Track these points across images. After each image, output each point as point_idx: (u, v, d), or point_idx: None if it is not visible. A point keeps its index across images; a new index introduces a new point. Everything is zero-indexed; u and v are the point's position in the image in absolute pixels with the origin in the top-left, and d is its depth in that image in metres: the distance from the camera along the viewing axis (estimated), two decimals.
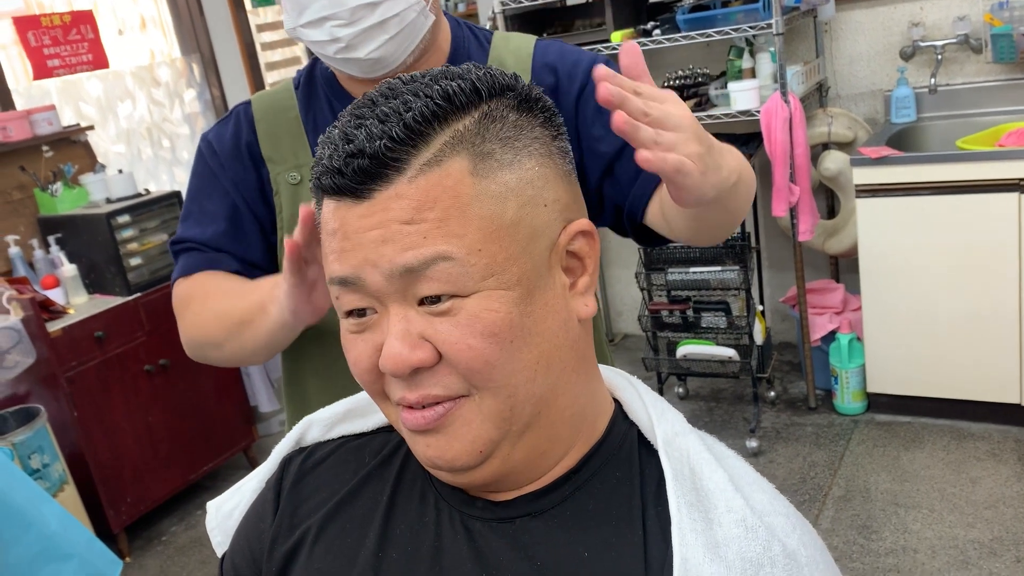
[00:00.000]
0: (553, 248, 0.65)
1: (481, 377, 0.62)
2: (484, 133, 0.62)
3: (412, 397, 0.63)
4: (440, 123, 0.61)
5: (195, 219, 1.16)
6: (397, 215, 0.60)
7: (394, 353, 0.61)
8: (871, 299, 2.97)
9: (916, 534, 2.47)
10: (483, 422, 0.63)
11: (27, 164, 3.20)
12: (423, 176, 0.60)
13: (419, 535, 0.71)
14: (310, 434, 0.86)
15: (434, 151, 0.60)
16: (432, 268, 0.60)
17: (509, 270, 0.61)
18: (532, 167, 0.64)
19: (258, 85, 4.17)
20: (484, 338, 0.61)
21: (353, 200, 0.61)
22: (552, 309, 0.65)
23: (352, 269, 0.62)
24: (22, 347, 2.75)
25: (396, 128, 0.60)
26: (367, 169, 0.60)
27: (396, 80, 0.65)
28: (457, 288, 0.60)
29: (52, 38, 3.34)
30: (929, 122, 3.13)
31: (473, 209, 0.60)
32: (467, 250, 0.60)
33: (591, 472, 0.69)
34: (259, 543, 0.79)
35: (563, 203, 0.66)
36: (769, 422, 3.21)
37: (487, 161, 0.62)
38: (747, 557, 0.61)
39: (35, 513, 1.54)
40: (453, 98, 0.62)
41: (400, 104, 0.61)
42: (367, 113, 0.62)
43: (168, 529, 3.21)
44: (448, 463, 0.65)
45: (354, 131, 0.61)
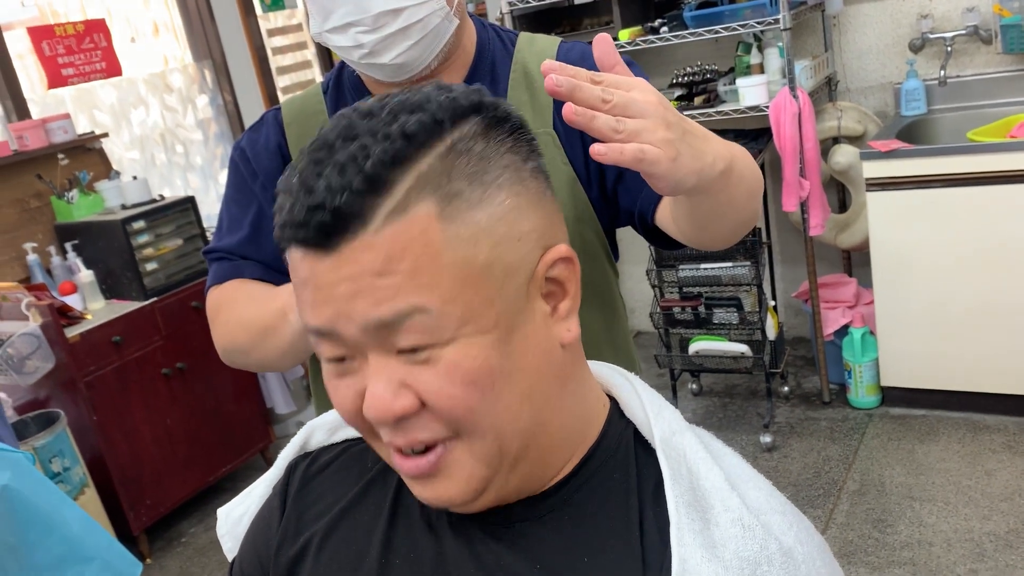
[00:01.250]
0: (531, 279, 0.63)
1: (465, 424, 0.62)
2: (449, 172, 0.60)
3: (400, 442, 0.64)
4: (401, 166, 0.58)
5: (225, 228, 1.20)
6: (367, 267, 0.58)
7: (377, 405, 0.61)
8: (883, 292, 2.96)
9: (931, 527, 2.47)
10: (475, 463, 0.64)
11: (43, 172, 3.24)
12: (389, 226, 0.58)
13: (421, 540, 0.72)
14: (314, 439, 0.87)
15: (398, 199, 0.58)
16: (407, 321, 0.59)
17: (486, 314, 0.60)
18: (503, 200, 0.62)
19: (269, 89, 4.20)
20: (464, 386, 0.60)
21: (320, 252, 0.59)
22: (533, 343, 0.64)
23: (326, 321, 0.61)
24: (41, 352, 2.78)
25: (355, 179, 0.57)
26: (330, 224, 0.58)
27: (353, 115, 0.62)
28: (434, 338, 0.59)
29: (66, 47, 3.37)
30: (939, 114, 3.12)
31: (445, 257, 0.59)
32: (441, 300, 0.59)
33: (588, 475, 0.70)
34: (266, 548, 0.80)
35: (539, 231, 0.64)
36: (783, 417, 3.21)
37: (455, 202, 0.59)
38: (744, 556, 0.62)
39: (57, 516, 1.57)
40: (413, 137, 0.59)
41: (358, 149, 0.58)
42: (325, 159, 0.59)
43: (188, 530, 3.25)
44: (446, 503, 0.66)
45: (313, 180, 0.59)
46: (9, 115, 3.31)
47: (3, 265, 3.14)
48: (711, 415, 3.33)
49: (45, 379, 2.84)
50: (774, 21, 2.82)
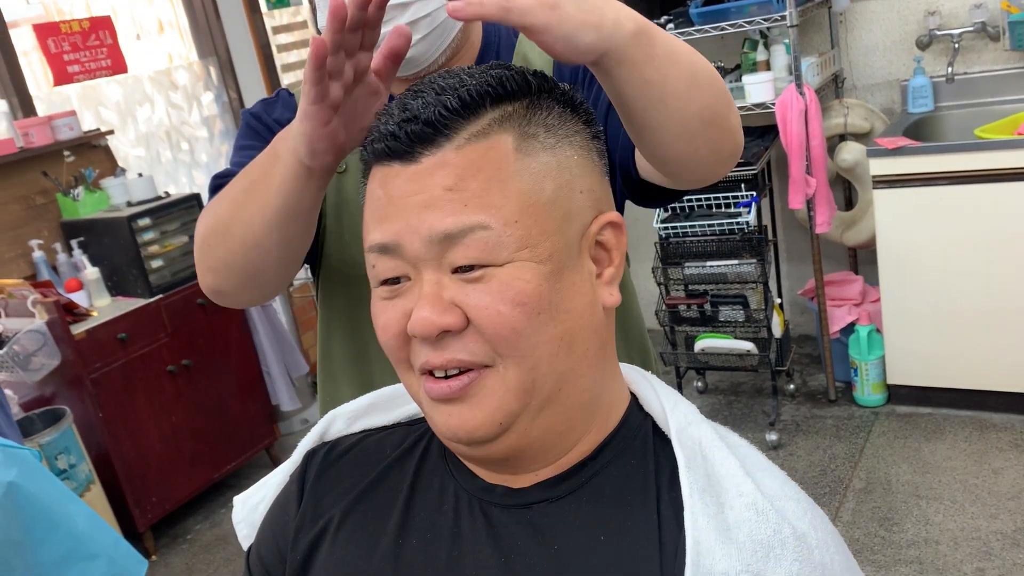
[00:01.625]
0: (584, 235, 0.68)
1: (507, 344, 0.64)
2: (531, 117, 0.67)
3: (437, 360, 0.65)
4: (491, 102, 0.66)
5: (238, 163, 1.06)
6: (441, 181, 0.63)
7: (424, 316, 0.63)
8: (890, 290, 2.95)
9: (938, 526, 2.46)
10: (505, 393, 0.65)
11: (49, 169, 3.25)
12: (470, 145, 0.64)
13: (438, 522, 0.73)
14: (333, 428, 0.88)
15: (483, 124, 0.65)
16: (470, 236, 0.63)
17: (542, 244, 0.64)
18: (571, 155, 0.68)
19: (275, 87, 4.19)
20: (514, 306, 0.63)
21: (401, 164, 0.65)
22: (579, 290, 0.67)
23: (393, 235, 0.65)
24: (47, 349, 2.79)
25: (451, 99, 0.64)
26: (419, 133, 0.64)
27: (458, 68, 0.70)
28: (492, 257, 0.63)
29: (72, 44, 3.38)
30: (947, 111, 3.11)
31: (513, 183, 0.64)
32: (504, 221, 0.63)
33: (607, 459, 0.71)
34: (284, 534, 0.81)
35: (596, 195, 0.70)
36: (789, 415, 3.20)
37: (531, 141, 0.66)
38: (758, 539, 0.62)
39: (63, 513, 1.56)
40: (506, 83, 0.66)
41: (456, 81, 0.66)
42: (425, 88, 0.67)
43: (193, 527, 3.25)
44: (468, 433, 0.66)
45: (411, 101, 0.66)
46: (15, 112, 3.31)
47: (9, 262, 3.15)
48: (716, 413, 3.32)
49: (51, 376, 2.84)
50: (781, 18, 2.81)
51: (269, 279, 0.96)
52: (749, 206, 2.91)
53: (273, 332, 3.56)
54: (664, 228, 3.06)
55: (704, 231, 3.01)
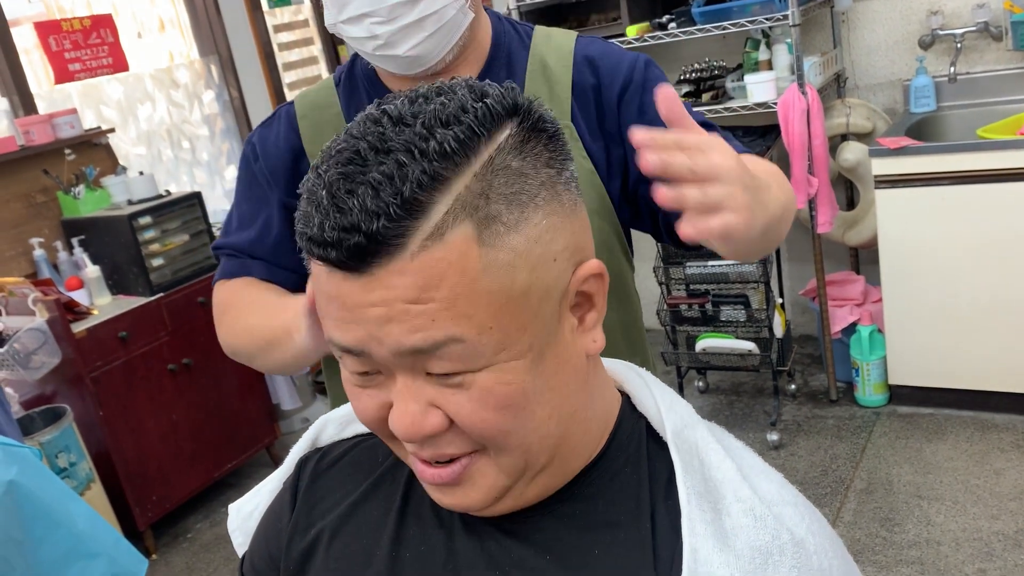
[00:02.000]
0: (564, 296, 0.63)
1: (496, 443, 0.62)
2: (487, 193, 0.57)
3: (426, 455, 0.64)
4: (439, 188, 0.56)
5: (235, 224, 1.21)
6: (401, 294, 0.56)
7: (406, 423, 0.60)
8: (892, 290, 2.95)
9: (940, 526, 2.45)
10: (499, 474, 0.64)
11: (50, 167, 3.24)
12: (426, 252, 0.55)
13: (432, 535, 0.72)
14: (325, 433, 0.87)
15: (435, 222, 0.56)
16: (442, 350, 0.57)
17: (521, 340, 0.59)
18: (539, 221, 0.60)
19: (276, 85, 4.19)
20: (497, 410, 0.60)
21: (348, 274, 0.57)
22: (563, 360, 0.63)
23: (356, 342, 0.59)
24: (48, 348, 2.78)
25: (393, 204, 0.55)
26: (365, 247, 0.55)
27: (384, 121, 0.59)
28: (468, 365, 0.58)
29: (73, 42, 3.37)
30: (949, 111, 3.10)
31: (481, 284, 0.57)
32: (478, 330, 0.57)
33: (601, 471, 0.70)
34: (277, 543, 0.80)
35: (572, 248, 0.63)
36: (790, 415, 3.20)
37: (493, 226, 0.57)
38: (756, 546, 0.62)
39: (63, 512, 1.56)
40: (451, 157, 0.56)
41: (394, 168, 0.55)
42: (357, 175, 0.56)
43: (193, 526, 3.25)
44: (465, 509, 0.67)
45: (345, 198, 0.55)
46: (16, 110, 3.31)
47: (9, 260, 3.15)
48: (717, 413, 3.32)
49: (51, 374, 2.84)
50: (783, 17, 2.80)
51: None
52: None
53: None
54: None
55: None
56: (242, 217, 1.20)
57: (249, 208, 1.20)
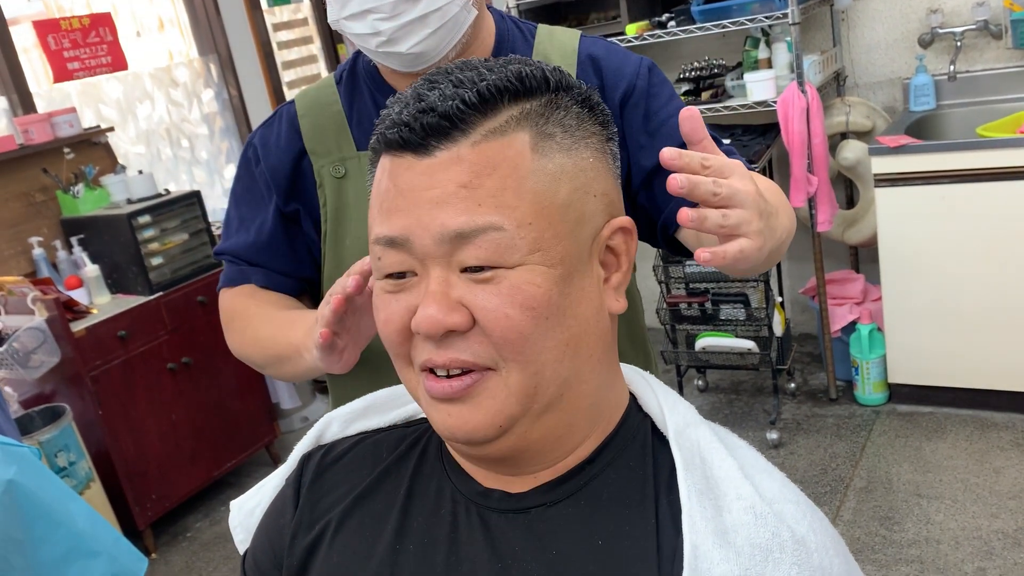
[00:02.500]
0: (595, 239, 0.67)
1: (513, 348, 0.63)
2: (549, 116, 0.65)
3: (439, 360, 0.64)
4: (510, 98, 0.64)
5: (233, 228, 1.22)
6: (456, 176, 0.62)
7: (430, 314, 0.62)
8: (891, 289, 2.95)
9: (939, 525, 2.46)
10: (507, 397, 0.64)
11: (49, 166, 3.24)
12: (486, 142, 0.62)
13: (435, 527, 0.73)
14: (329, 431, 0.88)
15: (500, 121, 0.63)
16: (482, 236, 0.61)
17: (554, 248, 0.63)
18: (587, 157, 0.67)
19: (275, 84, 4.19)
20: (522, 310, 0.62)
21: (414, 157, 0.63)
22: (587, 295, 0.66)
23: (402, 230, 0.63)
24: (47, 347, 2.78)
25: (469, 93, 0.63)
26: (435, 126, 0.62)
27: (473, 59, 0.68)
28: (503, 259, 0.62)
29: (72, 41, 3.37)
30: (949, 110, 3.10)
31: (528, 183, 0.63)
32: (518, 223, 0.62)
33: (605, 462, 0.70)
34: (280, 539, 0.80)
35: (609, 198, 0.69)
36: (790, 414, 3.20)
37: (548, 141, 0.64)
38: (756, 543, 0.62)
39: (63, 511, 1.56)
40: (526, 80, 0.65)
41: (475, 75, 0.64)
42: (442, 79, 0.65)
43: (193, 525, 3.25)
44: (467, 434, 0.66)
45: (427, 92, 0.64)
46: (15, 109, 3.30)
47: (9, 259, 3.14)
48: (717, 411, 3.32)
49: (51, 373, 2.84)
50: (782, 16, 2.80)
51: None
52: None
53: None
54: None
55: None
56: (240, 220, 1.22)
57: (247, 211, 1.21)
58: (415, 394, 0.69)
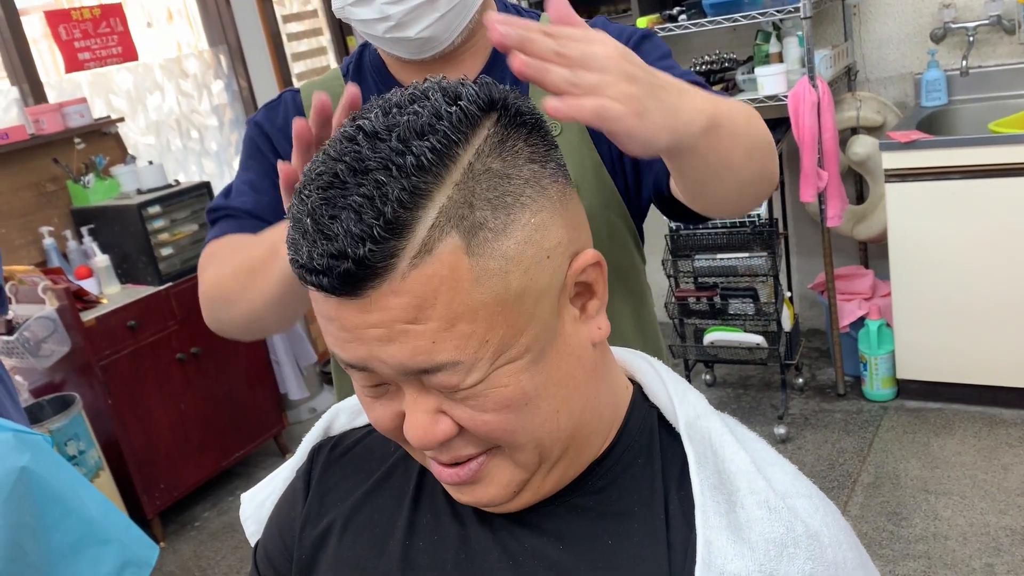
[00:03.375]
0: (561, 290, 0.62)
1: (505, 442, 0.63)
2: (471, 201, 0.56)
3: (443, 459, 0.65)
4: (421, 203, 0.55)
5: (237, 189, 1.13)
6: (398, 315, 0.56)
7: (419, 434, 0.61)
8: (901, 285, 2.94)
9: (947, 521, 2.45)
10: (515, 469, 0.65)
11: (60, 156, 3.25)
12: (416, 270, 0.55)
13: (444, 523, 0.73)
14: (337, 422, 0.88)
15: (421, 238, 0.55)
16: (442, 372, 0.58)
17: (517, 343, 0.59)
18: (528, 221, 0.58)
19: (284, 75, 4.19)
20: (497, 412, 0.60)
21: (344, 298, 0.57)
22: (565, 352, 0.63)
23: (359, 360, 0.60)
24: (57, 336, 2.79)
25: (376, 226, 0.54)
26: (355, 272, 0.55)
27: (361, 138, 0.57)
28: (468, 382, 0.59)
29: (83, 31, 3.38)
30: (960, 105, 3.09)
31: (475, 297, 0.56)
32: (475, 347, 0.57)
33: (613, 461, 0.70)
34: (290, 530, 0.80)
35: (565, 241, 0.62)
36: (797, 409, 3.20)
37: (480, 233, 0.56)
38: (770, 538, 0.62)
39: (75, 499, 1.57)
40: (429, 169, 0.55)
41: (373, 188, 0.54)
42: (338, 199, 0.55)
43: (201, 515, 3.27)
44: (484, 505, 0.67)
45: (329, 224, 0.55)
46: (26, 99, 3.31)
47: (20, 249, 3.16)
48: (724, 406, 3.32)
49: (61, 362, 2.85)
50: (794, 10, 2.79)
51: (269, 332, 1.08)
52: None
53: None
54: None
55: (715, 223, 3.00)
56: (247, 184, 1.12)
57: (255, 177, 1.12)
58: (427, 467, 0.69)
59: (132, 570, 1.62)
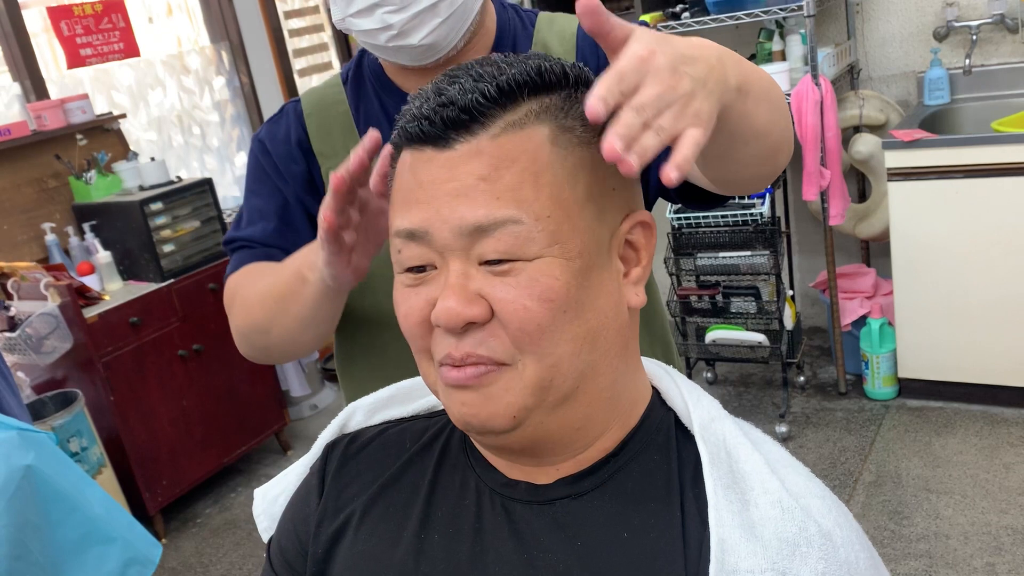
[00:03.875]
0: (614, 234, 0.67)
1: (530, 340, 0.63)
2: (568, 110, 0.65)
3: (457, 354, 0.64)
4: (530, 92, 0.64)
5: (247, 218, 1.16)
6: (475, 169, 0.62)
7: (450, 306, 0.62)
8: (903, 283, 2.94)
9: (948, 520, 2.46)
10: (521, 390, 0.64)
11: (62, 152, 3.25)
12: (505, 135, 0.62)
13: (460, 517, 0.73)
14: (353, 420, 0.88)
15: (520, 115, 0.63)
16: (500, 229, 0.61)
17: (572, 241, 0.63)
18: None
19: (286, 72, 4.19)
20: (540, 302, 0.62)
21: (435, 150, 0.63)
22: (606, 290, 0.66)
23: (421, 223, 0.63)
24: (59, 332, 2.80)
25: (489, 87, 0.63)
26: (455, 119, 0.62)
27: (494, 55, 0.68)
28: (521, 251, 0.62)
29: (84, 27, 3.37)
30: (963, 104, 3.09)
31: (547, 176, 0.63)
32: (536, 216, 0.62)
33: (629, 456, 0.70)
34: (305, 526, 0.81)
35: (628, 193, 0.69)
36: (799, 407, 3.20)
37: (567, 135, 0.64)
38: (783, 537, 0.62)
39: (79, 497, 1.57)
40: (545, 74, 0.65)
41: (494, 69, 0.65)
42: (461, 74, 0.65)
43: (203, 511, 3.27)
44: (482, 423, 0.66)
45: (447, 86, 0.64)
46: (28, 95, 3.31)
47: (21, 245, 3.16)
48: (726, 404, 3.29)
49: (63, 359, 2.85)
50: (797, 8, 2.79)
51: (306, 352, 1.11)
52: (763, 197, 2.90)
53: None
54: (677, 218, 3.05)
55: (717, 222, 3.00)
56: (255, 209, 1.15)
57: (263, 201, 1.15)
58: (434, 388, 0.70)
59: (136, 568, 1.62)
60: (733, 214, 2.95)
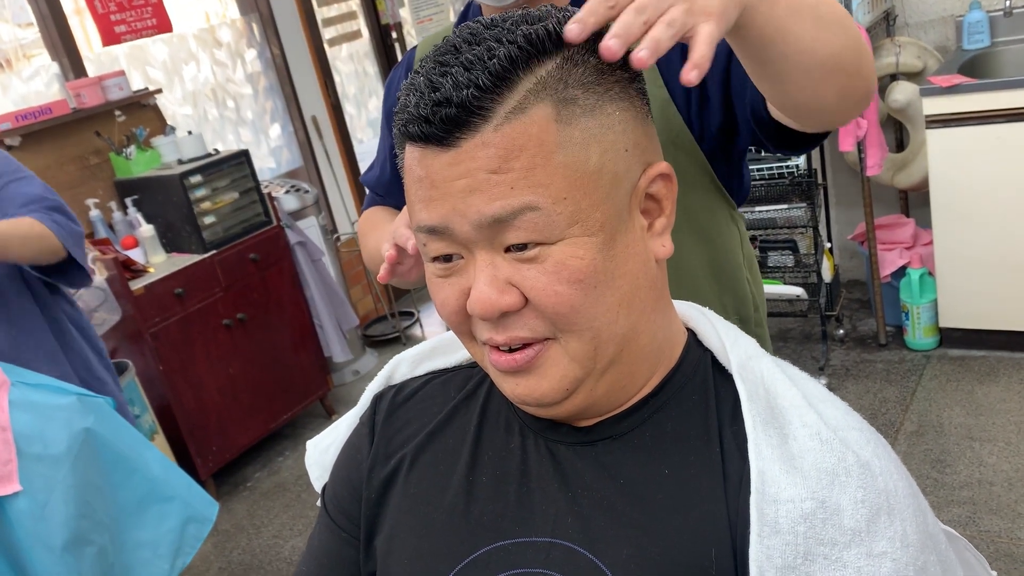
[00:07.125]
0: (633, 192, 0.67)
1: (567, 321, 0.65)
2: (566, 78, 0.63)
3: (500, 339, 0.66)
4: (523, 68, 0.62)
5: (374, 160, 1.35)
6: (484, 164, 0.61)
7: (483, 298, 0.64)
8: (943, 232, 2.91)
9: (992, 467, 2.45)
10: (569, 363, 0.67)
11: (102, 129, 3.31)
12: (508, 124, 0.61)
13: (506, 460, 0.76)
14: (399, 371, 0.91)
15: (518, 98, 0.61)
16: (519, 218, 0.62)
17: (593, 216, 0.63)
18: (613, 112, 0.65)
19: (316, 42, 4.20)
20: (570, 284, 0.63)
21: (439, 148, 0.62)
22: (633, 251, 0.67)
23: (440, 219, 0.64)
24: (108, 305, 2.87)
25: (482, 76, 0.61)
26: (454, 118, 0.61)
27: (477, 25, 0.66)
28: (543, 236, 0.62)
29: (117, 4, 3.41)
30: (1004, 47, 3.02)
31: (557, 157, 0.62)
32: (553, 199, 0.62)
33: (668, 396, 0.72)
34: (357, 472, 0.84)
35: (642, 147, 0.67)
36: (838, 360, 3.19)
37: (570, 107, 0.62)
38: (822, 468, 0.63)
39: (138, 458, 1.64)
40: (536, 43, 0.62)
41: (484, 51, 0.62)
42: (451, 60, 0.63)
43: (252, 475, 3.36)
44: (536, 400, 0.69)
45: (439, 79, 0.62)
46: (66, 73, 3.36)
47: None
48: None
49: (113, 331, 2.93)
50: None
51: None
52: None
53: (323, 286, 3.62)
54: None
55: (753, 176, 2.97)
56: (379, 153, 1.33)
57: (382, 145, 1.32)
58: (482, 364, 0.72)
59: (195, 525, 1.68)
60: (769, 167, 2.93)
